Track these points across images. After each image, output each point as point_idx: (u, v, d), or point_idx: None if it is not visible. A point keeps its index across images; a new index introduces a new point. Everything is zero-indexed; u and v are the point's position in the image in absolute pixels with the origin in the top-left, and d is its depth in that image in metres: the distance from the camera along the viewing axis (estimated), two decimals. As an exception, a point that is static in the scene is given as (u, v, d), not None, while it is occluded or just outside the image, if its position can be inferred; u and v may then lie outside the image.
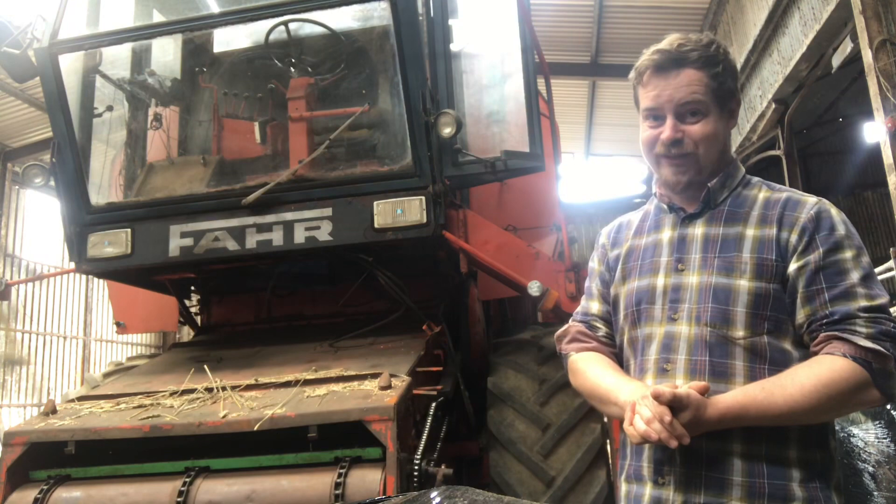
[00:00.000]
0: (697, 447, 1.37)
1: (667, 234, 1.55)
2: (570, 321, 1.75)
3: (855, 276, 1.36)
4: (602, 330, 1.67)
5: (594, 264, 1.74)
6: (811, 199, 1.46)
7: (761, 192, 1.51)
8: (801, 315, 1.39)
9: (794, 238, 1.41)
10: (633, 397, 1.38)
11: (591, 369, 1.58)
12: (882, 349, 1.30)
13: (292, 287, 3.92)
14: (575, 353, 1.67)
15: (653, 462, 1.45)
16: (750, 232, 1.45)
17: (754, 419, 1.32)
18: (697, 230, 1.50)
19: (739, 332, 1.40)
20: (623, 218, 1.74)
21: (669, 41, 1.48)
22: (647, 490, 1.45)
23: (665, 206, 1.58)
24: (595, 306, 1.70)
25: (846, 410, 1.37)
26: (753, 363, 1.39)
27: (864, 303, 1.34)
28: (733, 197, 1.51)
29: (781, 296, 1.40)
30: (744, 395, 1.34)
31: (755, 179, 1.56)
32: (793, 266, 1.39)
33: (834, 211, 1.44)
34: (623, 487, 1.55)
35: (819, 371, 1.31)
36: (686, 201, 1.54)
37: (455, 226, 3.55)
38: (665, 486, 1.42)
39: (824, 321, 1.35)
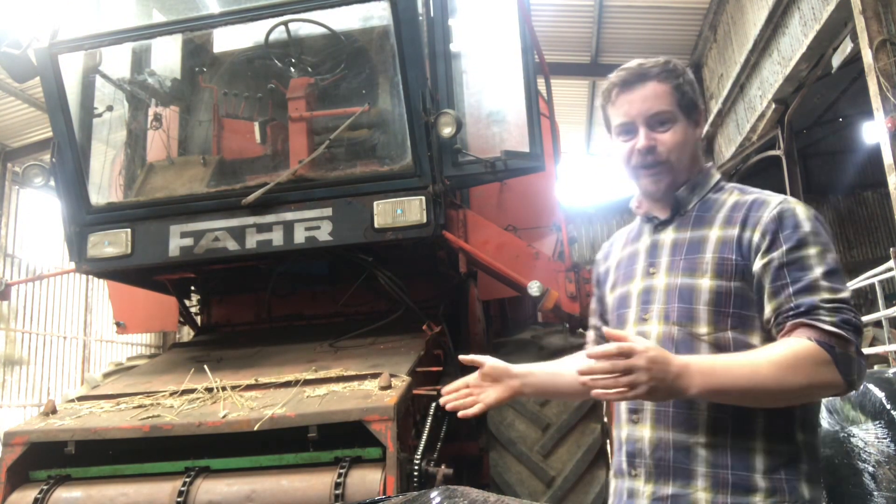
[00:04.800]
0: (665, 438, 1.45)
1: (644, 243, 1.65)
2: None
3: (818, 271, 1.40)
4: (593, 336, 1.84)
5: (593, 280, 1.87)
6: (776, 199, 1.51)
7: (731, 197, 1.58)
8: (768, 310, 1.43)
9: (756, 237, 1.47)
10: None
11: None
12: (844, 334, 1.35)
13: (292, 287, 3.92)
14: None
15: (626, 455, 1.53)
16: (714, 234, 1.52)
17: (720, 379, 1.34)
18: (667, 236, 1.60)
19: (703, 329, 1.46)
20: (617, 233, 1.83)
21: (629, 64, 1.59)
22: (625, 483, 1.54)
23: (644, 218, 1.68)
24: (591, 320, 1.87)
25: (808, 392, 1.39)
26: None
27: (827, 295, 1.38)
28: (702, 202, 1.59)
29: (745, 293, 1.46)
30: (710, 356, 1.42)
31: (729, 185, 1.62)
32: (758, 264, 1.44)
33: (800, 209, 1.48)
34: (612, 483, 1.63)
35: (783, 348, 1.36)
36: (660, 209, 1.63)
37: (455, 226, 3.54)
38: (637, 478, 1.50)
39: (790, 313, 1.39)
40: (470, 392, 1.64)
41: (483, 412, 1.63)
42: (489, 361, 1.64)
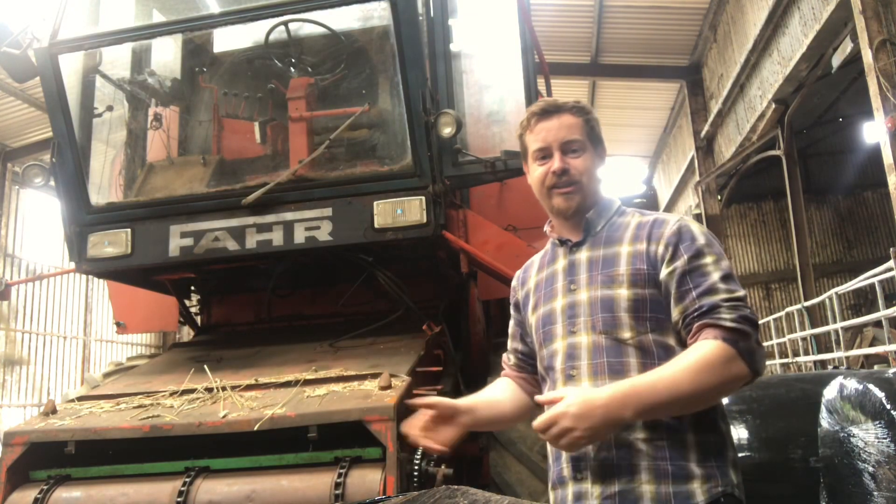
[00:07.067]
0: (608, 439, 1.55)
1: (560, 264, 1.79)
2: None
3: (716, 276, 1.58)
4: (512, 360, 1.95)
5: (512, 306, 1.98)
6: (674, 217, 1.72)
7: (634, 219, 1.76)
8: (675, 313, 1.60)
9: (660, 249, 1.65)
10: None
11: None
12: (745, 328, 1.51)
13: (292, 287, 3.92)
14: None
15: (571, 460, 1.62)
16: (624, 249, 1.70)
17: (647, 398, 1.47)
18: (583, 255, 1.75)
19: (627, 334, 1.62)
20: (529, 261, 1.97)
21: (543, 101, 1.80)
22: (570, 488, 1.62)
23: (557, 241, 1.82)
24: (510, 343, 1.97)
25: (724, 387, 1.53)
26: (643, 359, 1.60)
27: (725, 295, 1.55)
28: (609, 224, 1.77)
29: (658, 298, 1.63)
30: (631, 380, 1.53)
31: (630, 210, 1.81)
32: (664, 272, 1.62)
33: (695, 225, 1.68)
34: (550, 497, 1.70)
35: (695, 354, 1.51)
36: (571, 232, 1.79)
37: (455, 226, 3.54)
38: (584, 480, 1.59)
39: (695, 314, 1.55)
40: (426, 434, 1.74)
41: (443, 452, 1.75)
42: (440, 403, 1.74)
